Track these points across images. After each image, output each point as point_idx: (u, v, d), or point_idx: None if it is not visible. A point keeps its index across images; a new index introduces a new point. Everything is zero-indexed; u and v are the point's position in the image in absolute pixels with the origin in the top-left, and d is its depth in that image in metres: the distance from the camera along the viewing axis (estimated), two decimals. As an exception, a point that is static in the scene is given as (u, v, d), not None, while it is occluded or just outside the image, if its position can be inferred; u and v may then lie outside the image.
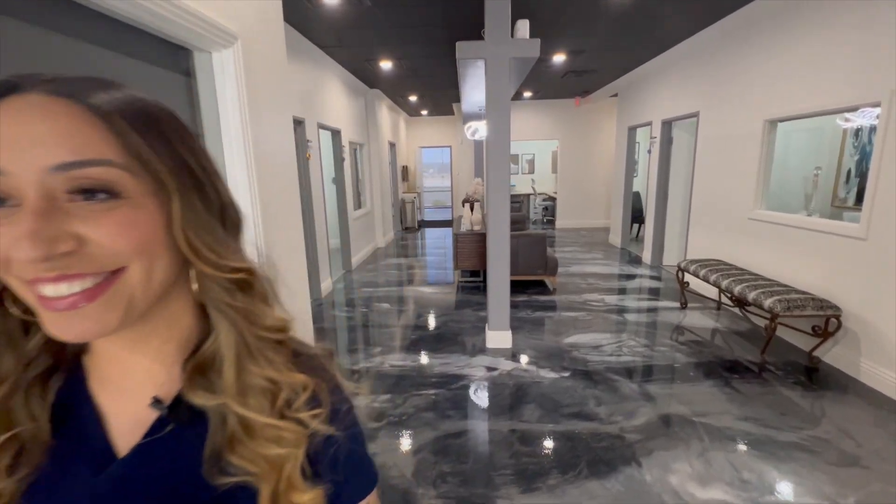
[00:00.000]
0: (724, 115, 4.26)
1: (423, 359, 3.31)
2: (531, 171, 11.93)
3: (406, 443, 2.31)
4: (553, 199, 10.25)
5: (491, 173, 3.24)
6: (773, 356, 3.19)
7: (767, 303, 2.98)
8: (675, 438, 2.28)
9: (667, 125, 5.55)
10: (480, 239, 5.20)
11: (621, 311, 4.24)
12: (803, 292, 3.03)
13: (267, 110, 1.58)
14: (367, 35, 4.34)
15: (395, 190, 9.69)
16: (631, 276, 5.47)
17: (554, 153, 10.65)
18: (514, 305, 4.44)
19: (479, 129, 5.75)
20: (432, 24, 4.00)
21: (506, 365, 3.17)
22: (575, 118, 9.13)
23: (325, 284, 5.08)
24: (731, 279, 3.47)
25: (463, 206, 5.78)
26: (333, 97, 5.57)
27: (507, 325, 3.46)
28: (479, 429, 2.41)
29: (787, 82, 3.39)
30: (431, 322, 4.10)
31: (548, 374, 3.01)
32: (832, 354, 3.04)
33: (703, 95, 4.64)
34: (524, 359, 3.26)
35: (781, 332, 3.50)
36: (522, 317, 4.14)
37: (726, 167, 4.25)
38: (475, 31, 4.03)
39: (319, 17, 3.80)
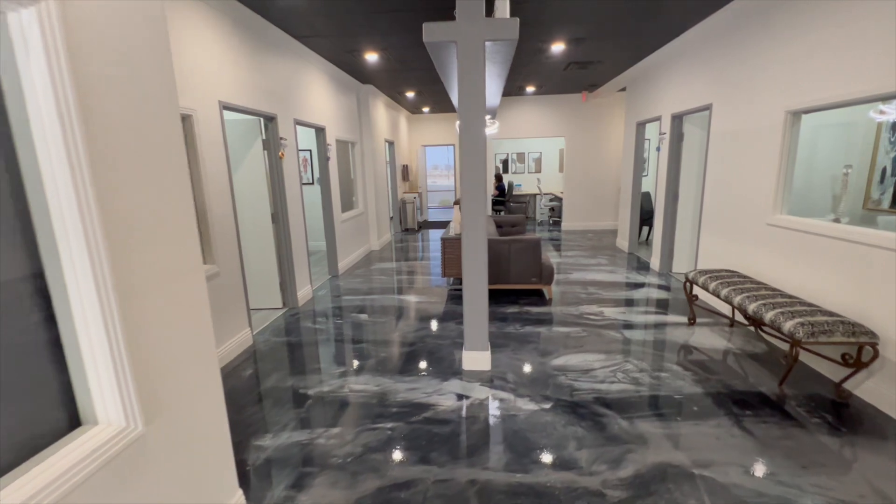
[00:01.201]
0: (739, 107, 3.78)
1: (389, 382, 2.94)
2: (538, 170, 11.46)
3: (343, 495, 1.94)
4: (560, 200, 9.77)
5: (465, 173, 2.86)
6: (793, 387, 2.73)
7: (787, 326, 2.52)
8: (668, 499, 1.86)
9: (677, 119, 5.07)
10: (470, 244, 4.80)
11: (621, 326, 3.81)
12: (831, 313, 2.57)
13: (117, 92, 1.23)
14: (343, 23, 3.99)
15: (394, 190, 9.37)
16: (636, 286, 5.01)
17: (562, 151, 10.16)
18: (501, 318, 4.05)
19: (471, 126, 5.37)
20: (407, 8, 3.62)
21: (480, 392, 2.79)
22: (582, 114, 8.64)
23: (304, 292, 4.76)
24: (745, 295, 3.01)
25: (454, 207, 5.39)
26: (316, 92, 5.25)
27: (486, 344, 3.07)
28: (433, 478, 2.03)
29: (813, 68, 2.91)
30: (408, 337, 3.73)
31: (526, 406, 2.61)
32: (866, 388, 2.57)
33: (715, 86, 4.16)
34: (502, 385, 2.87)
35: (804, 357, 3.03)
36: (509, 332, 3.74)
37: (742, 166, 3.77)
38: (458, 15, 3.64)
39: (287, 4, 3.46)
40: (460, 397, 2.73)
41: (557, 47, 4.99)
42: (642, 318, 4.00)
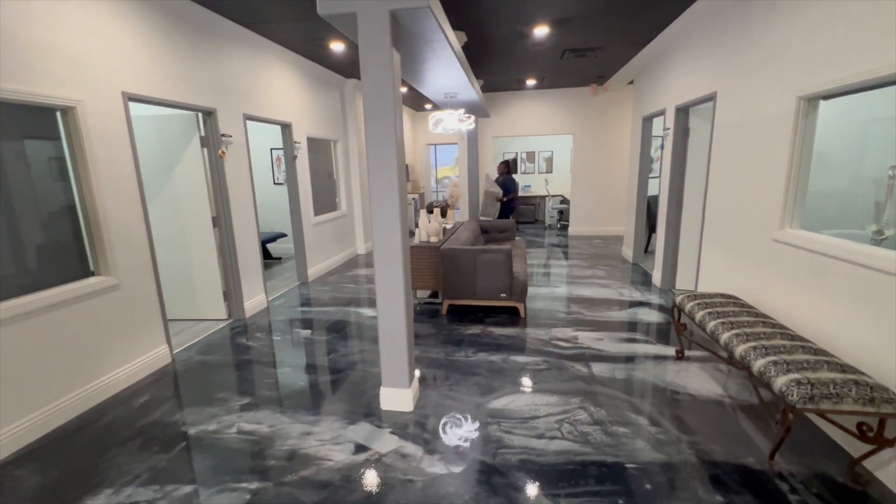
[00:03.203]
0: (745, 94, 3.08)
1: (287, 423, 2.48)
2: (549, 170, 10.74)
3: None
4: (569, 202, 9.06)
5: (373, 174, 2.35)
6: (792, 459, 2.06)
7: (779, 383, 1.87)
8: None
9: (682, 113, 4.35)
10: (434, 253, 4.29)
11: (592, 357, 3.19)
12: (845, 368, 1.89)
13: None
14: (289, 7, 3.56)
15: (391, 190, 8.93)
16: (629, 304, 4.34)
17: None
18: (456, 342, 3.51)
19: (444, 120, 4.84)
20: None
21: (385, 443, 2.27)
22: (591, 109, 7.91)
23: (255, 302, 4.38)
24: (736, 332, 2.35)
25: (430, 212, 4.88)
26: (279, 86, 4.87)
27: (406, 381, 2.56)
28: (262, 576, 1.55)
29: (831, 41, 2.21)
30: (341, 361, 3.26)
31: (432, 467, 2.08)
32: (891, 472, 1.88)
33: (721, 70, 3.45)
34: (416, 434, 2.34)
35: (816, 418, 2.34)
36: (457, 360, 3.20)
37: (746, 166, 3.07)
38: None
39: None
40: (359, 449, 2.23)
41: (541, 31, 4.38)
42: (622, 347, 3.36)
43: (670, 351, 3.26)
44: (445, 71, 3.64)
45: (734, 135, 3.25)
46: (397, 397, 2.56)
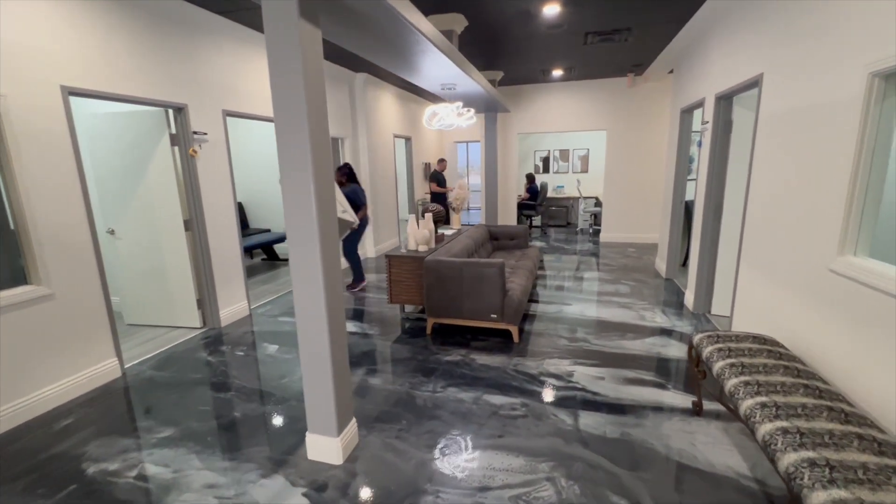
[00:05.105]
0: (798, 73, 2.35)
1: (196, 466, 2.12)
2: (584, 170, 9.91)
3: None
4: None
5: (285, 175, 1.94)
6: None
7: (815, 500, 1.24)
8: None
9: (723, 102, 3.58)
10: (420, 264, 3.82)
11: (583, 403, 2.59)
12: (925, 483, 1.23)
13: None
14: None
15: (410, 190, 8.57)
16: (651, 332, 3.64)
17: (609, 148, 8.56)
18: (428, 371, 3.03)
19: (439, 114, 4.34)
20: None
21: (290, 510, 1.85)
22: (628, 102, 7.08)
23: (234, 310, 4.13)
24: (762, 398, 1.70)
25: (423, 215, 4.41)
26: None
27: (334, 429, 2.11)
28: None
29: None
30: (291, 387, 2.88)
31: (330, 555, 1.63)
32: None
33: (768, 48, 2.71)
34: (332, 500, 1.90)
35: None
36: (420, 396, 2.72)
37: (796, 168, 2.34)
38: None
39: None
40: (256, 516, 1.82)
41: (551, 9, 3.77)
42: (625, 391, 2.72)
43: (688, 402, 2.59)
44: (426, 57, 3.16)
45: (782, 128, 2.51)
46: (324, 447, 2.13)
